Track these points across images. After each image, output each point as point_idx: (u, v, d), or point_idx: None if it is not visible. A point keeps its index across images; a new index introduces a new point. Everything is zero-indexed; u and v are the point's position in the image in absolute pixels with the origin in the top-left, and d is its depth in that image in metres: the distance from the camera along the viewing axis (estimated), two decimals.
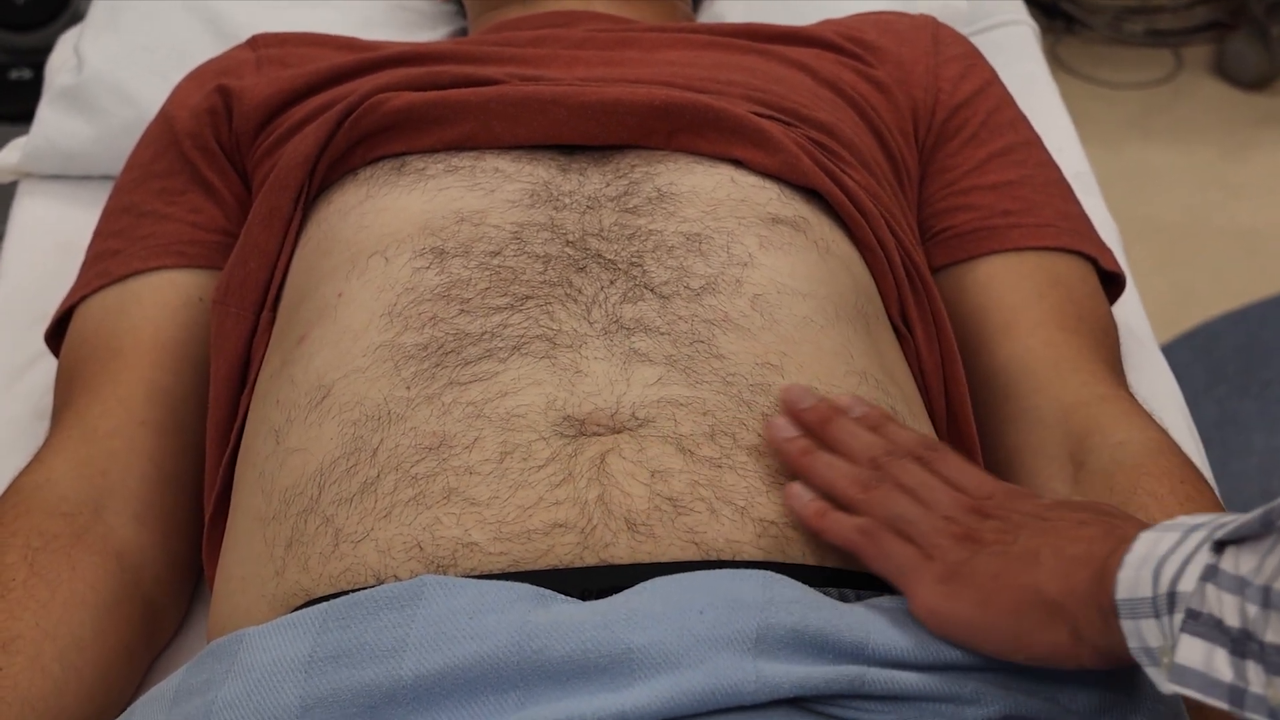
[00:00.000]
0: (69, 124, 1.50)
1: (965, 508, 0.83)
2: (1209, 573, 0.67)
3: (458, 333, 0.93)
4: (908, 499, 0.84)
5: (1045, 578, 0.75)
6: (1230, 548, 0.67)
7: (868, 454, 0.87)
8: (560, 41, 1.25)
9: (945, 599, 0.78)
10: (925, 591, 0.79)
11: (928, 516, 0.82)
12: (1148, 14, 3.00)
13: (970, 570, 0.78)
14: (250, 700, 0.78)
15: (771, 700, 0.75)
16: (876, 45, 1.27)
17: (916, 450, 0.87)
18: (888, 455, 0.86)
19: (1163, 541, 0.70)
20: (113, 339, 1.14)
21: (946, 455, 0.87)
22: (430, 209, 1.02)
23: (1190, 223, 2.54)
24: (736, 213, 1.02)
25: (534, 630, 0.76)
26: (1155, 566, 0.69)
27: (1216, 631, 0.66)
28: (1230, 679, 0.65)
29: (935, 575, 0.79)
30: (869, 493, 0.85)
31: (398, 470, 0.86)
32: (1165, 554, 0.69)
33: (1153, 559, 0.69)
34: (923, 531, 0.82)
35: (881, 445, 0.87)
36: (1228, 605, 0.66)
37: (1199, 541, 0.68)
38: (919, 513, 0.83)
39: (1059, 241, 1.18)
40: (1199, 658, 0.66)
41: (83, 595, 0.98)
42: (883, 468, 0.86)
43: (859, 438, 0.88)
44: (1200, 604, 0.66)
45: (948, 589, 0.78)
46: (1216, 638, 0.66)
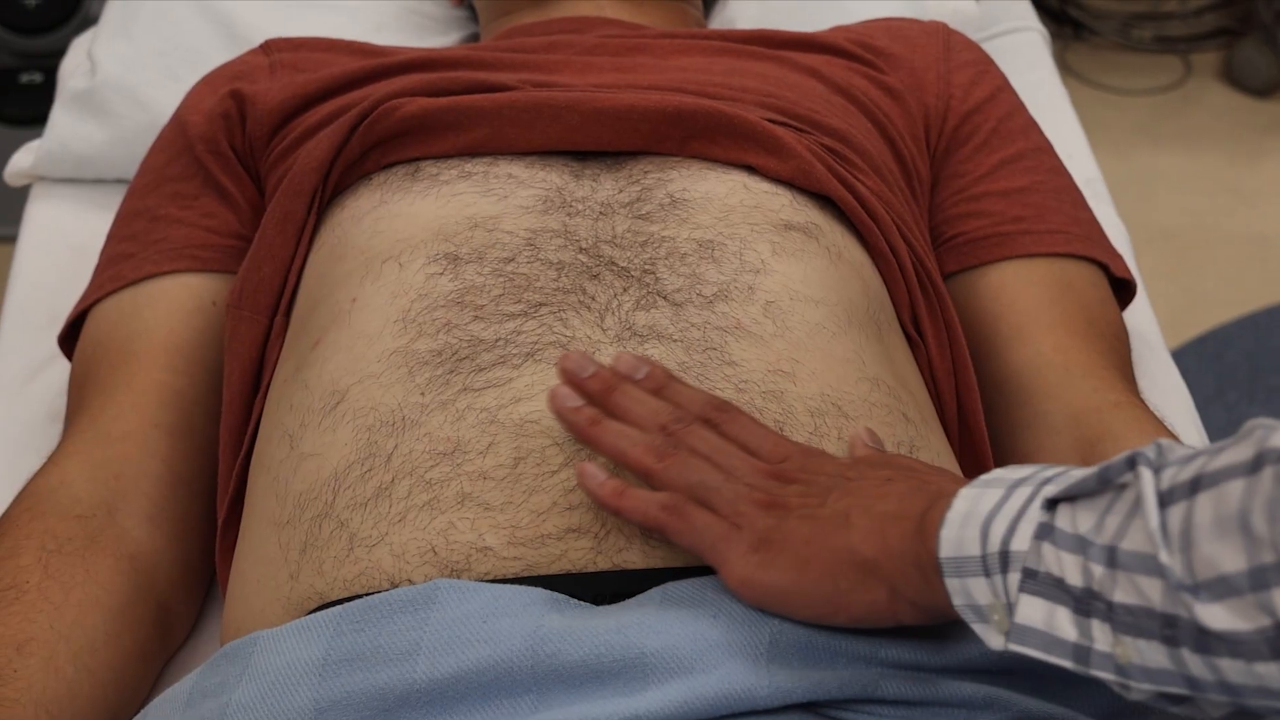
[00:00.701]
0: (82, 128, 1.50)
1: (764, 473, 0.81)
2: (1043, 530, 0.66)
3: (472, 339, 0.93)
4: (707, 465, 0.82)
5: (858, 538, 0.74)
6: (1064, 505, 0.66)
7: (656, 420, 0.84)
8: (573, 48, 1.25)
9: (759, 568, 0.77)
10: (737, 562, 0.78)
11: (729, 484, 0.80)
12: (1157, 20, 3.00)
13: (781, 536, 0.77)
14: (265, 703, 0.78)
15: (784, 705, 0.75)
16: (888, 51, 1.27)
17: (705, 412, 0.85)
18: (677, 421, 0.84)
19: (985, 498, 0.69)
20: (126, 342, 1.14)
21: (735, 415, 0.85)
22: (444, 214, 1.03)
23: (1199, 229, 2.54)
24: (749, 219, 1.03)
25: (548, 634, 0.77)
26: (982, 524, 0.68)
27: (1057, 590, 0.65)
28: (1075, 637, 0.65)
29: (746, 545, 0.78)
30: (665, 461, 0.82)
31: (412, 475, 0.87)
32: (990, 511, 0.68)
33: (977, 516, 0.68)
34: (726, 500, 0.80)
35: (669, 410, 0.85)
36: (1068, 564, 0.65)
37: (1026, 498, 0.67)
38: (720, 480, 0.81)
39: (1070, 248, 1.18)
40: (1039, 616, 0.66)
41: (96, 597, 0.98)
42: (674, 434, 0.83)
43: (645, 403, 0.85)
44: (1037, 563, 0.66)
45: (760, 557, 0.77)
46: (1057, 596, 0.65)
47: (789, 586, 0.76)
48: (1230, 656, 0.60)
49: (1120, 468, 0.65)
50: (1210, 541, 0.60)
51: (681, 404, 0.85)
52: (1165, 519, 0.62)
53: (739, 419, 0.85)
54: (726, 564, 0.78)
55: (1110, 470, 0.65)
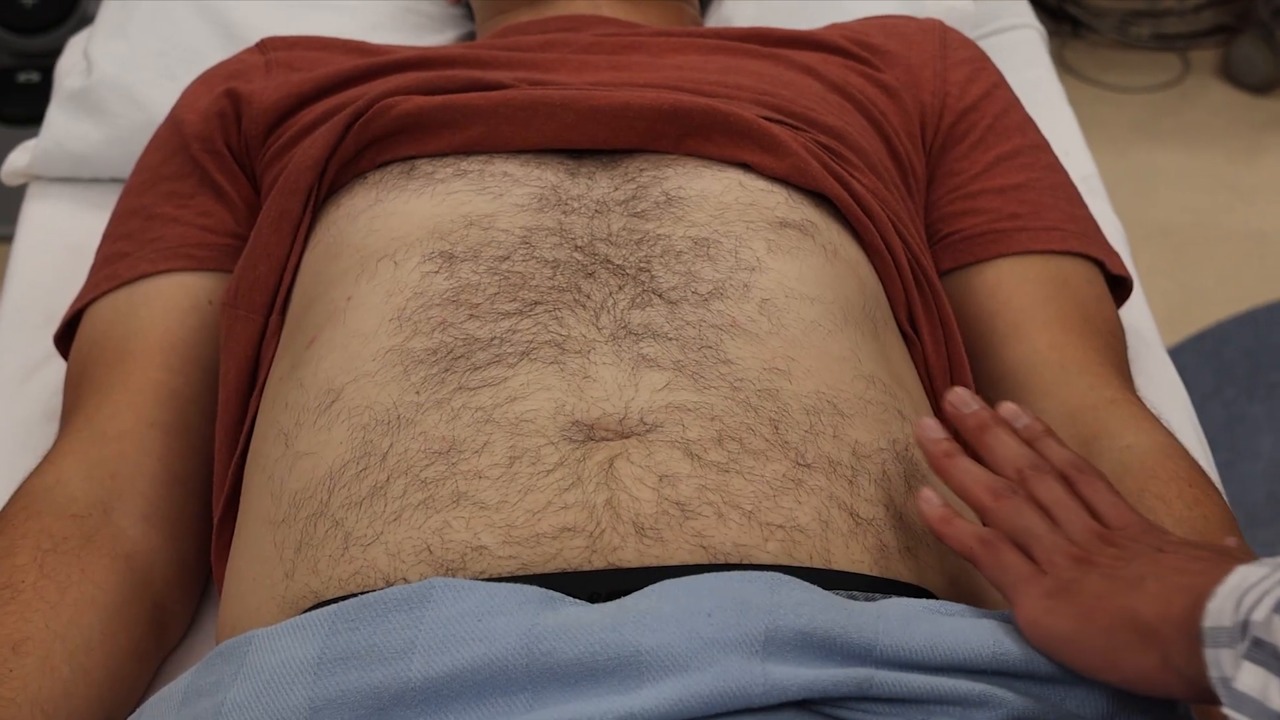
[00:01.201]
0: (78, 127, 1.50)
1: (1093, 534, 0.83)
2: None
3: (467, 338, 0.93)
4: (1037, 515, 0.84)
5: (1144, 601, 0.75)
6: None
7: (1014, 464, 0.87)
8: (568, 46, 1.25)
9: (1047, 613, 0.79)
10: (1030, 603, 0.80)
11: (1052, 535, 0.83)
12: (1155, 17, 3.00)
13: (1078, 588, 0.79)
14: (259, 701, 0.78)
15: (780, 703, 0.75)
16: (884, 49, 1.27)
17: (1065, 469, 0.87)
18: (1033, 469, 0.86)
19: (1253, 573, 0.70)
20: (122, 341, 1.14)
21: (1094, 479, 0.86)
22: (439, 213, 1.03)
23: (1197, 226, 2.54)
24: (745, 217, 1.03)
25: (542, 633, 0.77)
26: (1239, 596, 0.69)
27: (1276, 661, 0.66)
28: None
29: (1043, 589, 0.80)
30: (1000, 501, 0.85)
31: (407, 474, 0.87)
32: (1251, 584, 0.69)
33: (1240, 589, 0.69)
34: (1044, 548, 0.82)
35: (1029, 457, 0.87)
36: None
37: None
38: (1044, 530, 0.83)
39: (1066, 245, 1.18)
40: (1256, 685, 0.66)
41: (92, 597, 0.98)
42: (1025, 480, 0.86)
43: (1009, 447, 0.88)
44: (1266, 633, 0.66)
45: (1052, 604, 0.79)
46: (1275, 667, 0.66)
47: (1069, 635, 0.78)
48: None
49: None
50: None
51: (1047, 456, 0.88)
52: None
53: (1096, 483, 0.86)
54: (1021, 603, 0.80)
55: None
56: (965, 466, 0.87)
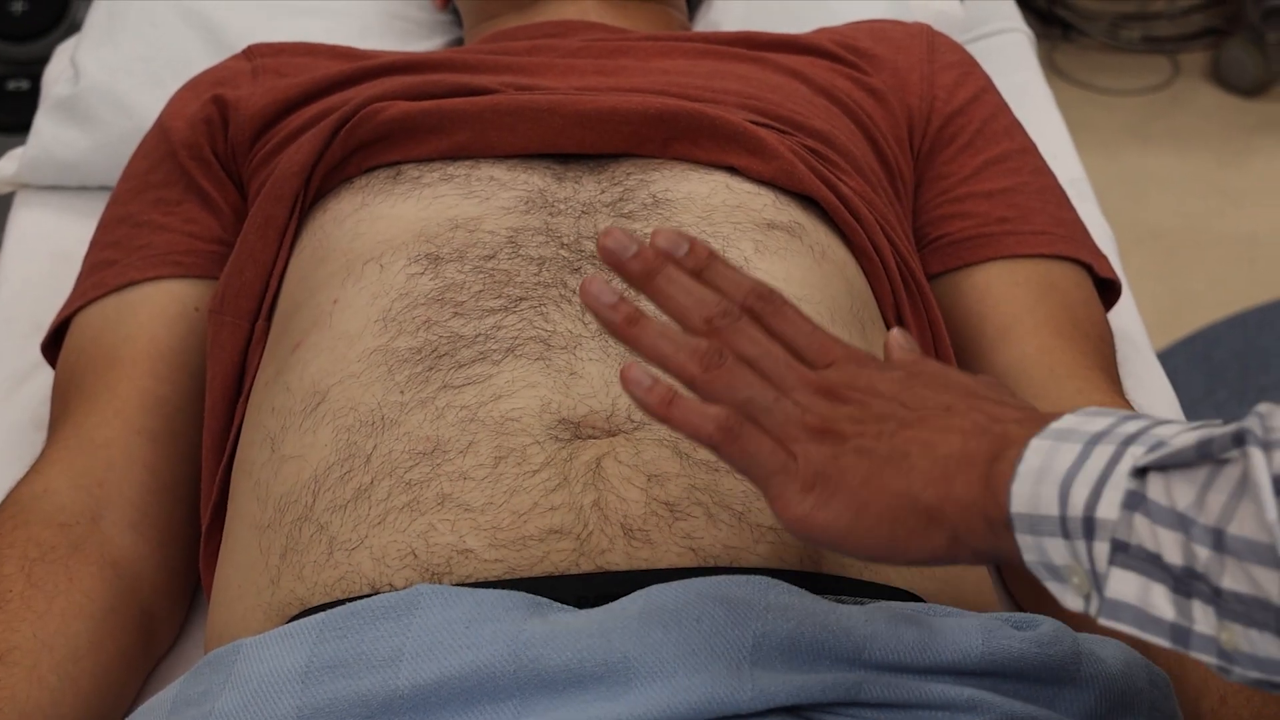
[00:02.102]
0: (66, 134, 1.50)
1: (814, 387, 0.76)
2: (1134, 500, 0.63)
3: (451, 335, 0.93)
4: (755, 378, 0.75)
5: (920, 483, 0.70)
6: (1154, 474, 0.64)
7: (701, 313, 0.76)
8: (555, 51, 1.25)
9: (815, 508, 0.72)
10: (793, 499, 0.72)
11: (779, 403, 0.75)
12: (1144, 20, 3.00)
13: (837, 473, 0.72)
14: (248, 711, 0.78)
15: (767, 709, 0.75)
16: (872, 53, 1.27)
17: (749, 301, 0.78)
18: (723, 315, 0.76)
19: (1061, 453, 0.66)
20: (109, 349, 1.14)
21: (780, 306, 0.78)
22: (425, 217, 1.03)
23: (1187, 229, 2.54)
24: (732, 218, 1.03)
25: (530, 639, 0.76)
26: (1060, 483, 0.65)
27: (1152, 567, 0.63)
28: (1172, 617, 0.63)
29: (801, 482, 0.73)
30: (711, 372, 0.75)
31: (391, 476, 0.86)
32: (1069, 470, 0.65)
33: (1054, 474, 0.66)
34: (777, 422, 0.74)
35: (714, 300, 0.77)
36: (1166, 540, 0.62)
37: (1108, 458, 0.65)
38: (770, 397, 0.75)
39: (1054, 249, 1.18)
40: (1133, 592, 0.64)
41: (80, 605, 0.98)
42: (720, 332, 0.76)
43: (690, 292, 0.77)
44: (1128, 535, 0.63)
45: (816, 497, 0.72)
46: (1153, 573, 0.63)
47: (845, 529, 0.72)
48: None
49: (1224, 443, 0.62)
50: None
51: (726, 290, 0.78)
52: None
53: (784, 310, 0.78)
54: (781, 499, 0.73)
55: (1212, 445, 0.62)
56: (658, 330, 0.75)
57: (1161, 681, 0.84)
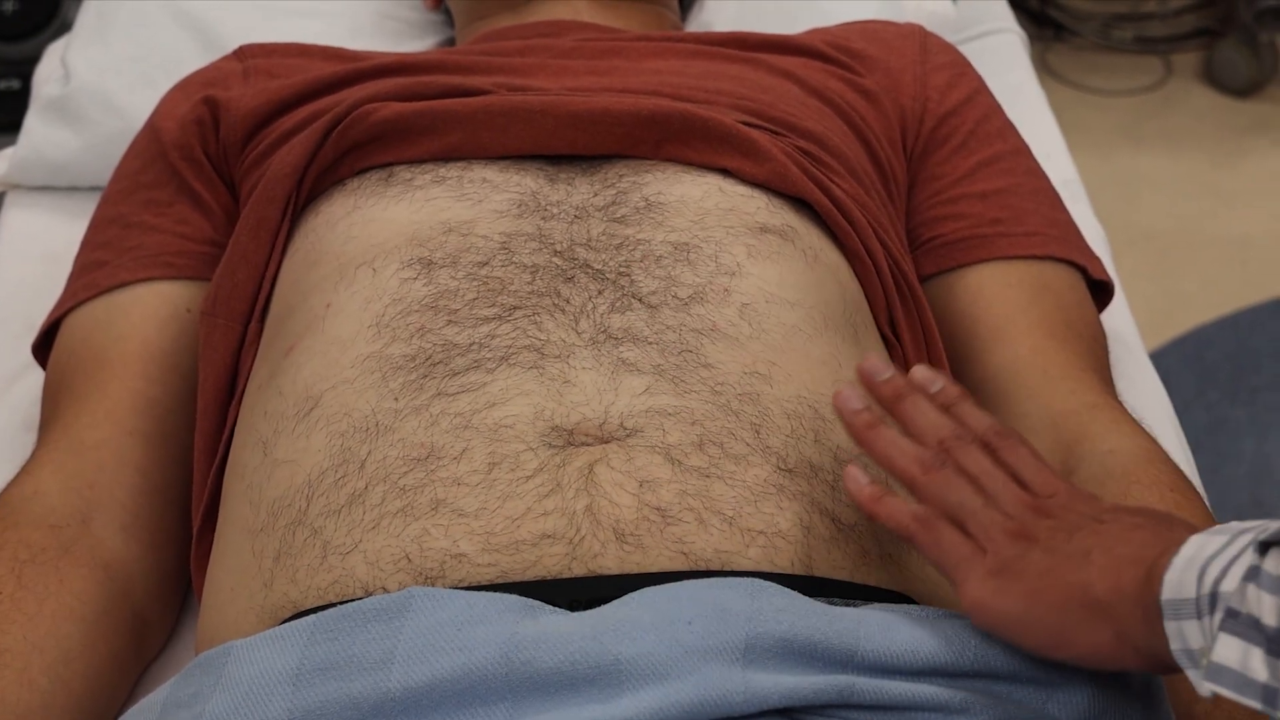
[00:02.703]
0: (56, 135, 1.50)
1: (1026, 505, 0.82)
2: (1251, 573, 0.66)
3: (445, 343, 0.92)
4: (969, 488, 0.83)
5: (1094, 576, 0.74)
6: (1275, 549, 0.66)
7: (935, 434, 0.85)
8: (548, 51, 1.25)
9: (993, 593, 0.78)
10: (974, 584, 0.79)
11: (987, 510, 0.81)
12: (1137, 21, 3.00)
13: (1021, 566, 0.78)
14: (239, 713, 0.78)
15: (760, 711, 0.75)
16: (864, 54, 1.27)
17: (986, 435, 0.85)
18: (956, 439, 0.85)
19: (1210, 544, 0.69)
20: (100, 350, 1.14)
21: (1016, 445, 0.85)
22: (418, 220, 1.02)
23: (1180, 230, 2.54)
24: (724, 222, 1.02)
25: (522, 642, 0.76)
26: (1201, 567, 0.68)
27: (1254, 631, 0.65)
28: (1265, 679, 0.65)
29: (986, 569, 0.79)
30: (929, 475, 0.83)
31: (386, 482, 0.86)
32: (1211, 555, 0.68)
33: (1199, 560, 0.69)
34: (980, 525, 0.81)
35: (950, 427, 0.86)
36: (1266, 605, 0.65)
37: (1246, 543, 0.68)
38: (978, 504, 0.82)
39: (1047, 250, 1.18)
40: (1235, 656, 0.66)
41: (71, 607, 0.98)
42: (949, 451, 0.84)
43: (928, 416, 0.86)
44: (1240, 603, 0.66)
45: (997, 583, 0.78)
46: (1253, 637, 0.65)
47: (1019, 615, 0.77)
48: None
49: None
50: None
51: (966, 423, 0.86)
52: None
53: (1019, 449, 0.85)
54: (964, 584, 0.79)
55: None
56: (890, 438, 0.85)
57: (1154, 683, 0.84)
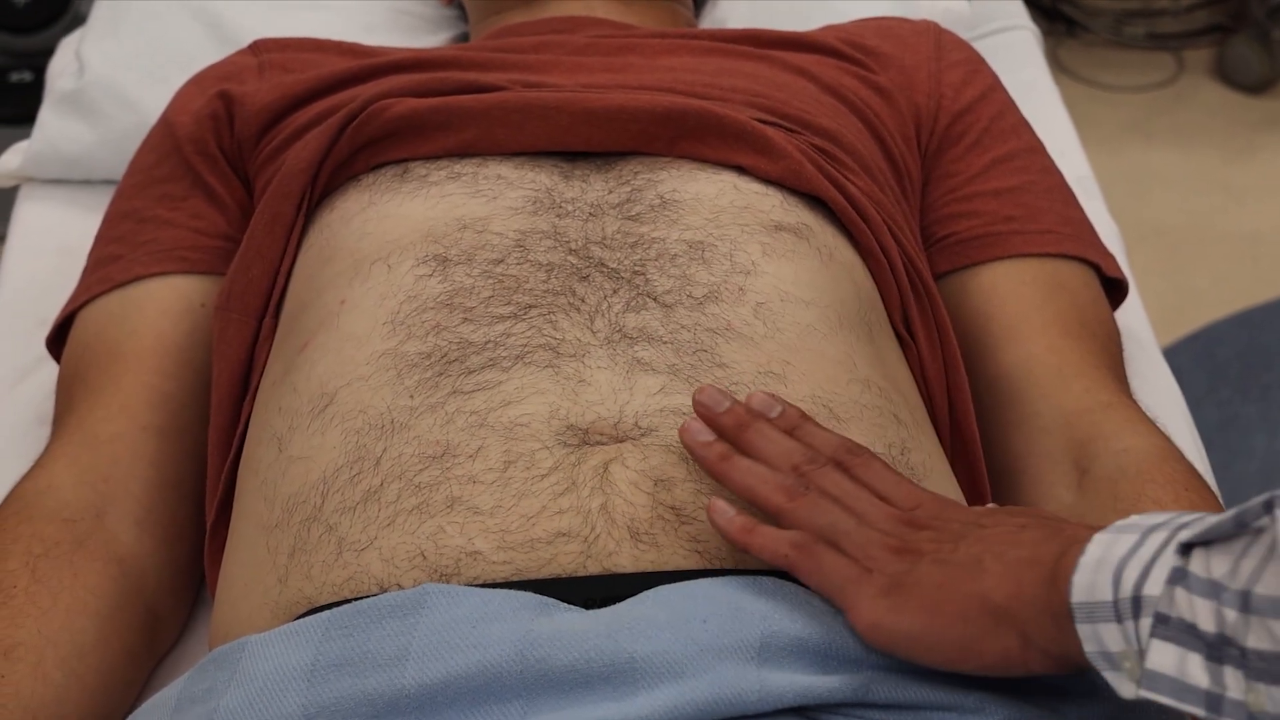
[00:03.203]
0: (70, 128, 1.50)
1: (897, 519, 0.80)
2: (1177, 575, 0.65)
3: (461, 341, 0.93)
4: (838, 508, 0.81)
5: (991, 584, 0.73)
6: (1198, 550, 0.65)
7: (788, 460, 0.84)
8: (562, 48, 1.25)
9: (889, 612, 0.76)
10: (866, 605, 0.77)
11: (860, 528, 0.80)
12: (1149, 17, 3.00)
13: (913, 581, 0.76)
14: (253, 708, 0.78)
15: (775, 710, 0.75)
16: (879, 51, 1.27)
17: (838, 455, 0.84)
18: (809, 462, 0.84)
19: (1119, 543, 0.68)
20: (114, 344, 1.14)
21: (869, 461, 0.84)
22: (433, 216, 1.02)
23: (1191, 226, 2.54)
24: (739, 220, 1.02)
25: (537, 639, 0.76)
26: (1115, 570, 0.67)
27: (1189, 636, 0.64)
28: (1206, 685, 0.64)
29: (876, 588, 0.77)
30: (795, 501, 0.82)
31: (401, 479, 0.86)
32: (1124, 556, 0.67)
33: (1110, 562, 0.68)
34: (857, 544, 0.79)
35: (801, 450, 0.84)
36: (1201, 610, 0.64)
37: (1160, 543, 0.67)
38: (851, 524, 0.80)
39: (1061, 248, 1.18)
40: (1171, 663, 0.65)
41: (84, 601, 0.98)
42: (806, 475, 0.83)
43: (778, 443, 0.85)
44: (1169, 608, 0.65)
45: (890, 601, 0.76)
46: (1189, 643, 0.64)
47: (919, 632, 0.75)
48: None
49: (1256, 511, 0.64)
50: None
51: (815, 445, 0.85)
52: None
53: (872, 464, 0.84)
54: (855, 607, 0.77)
55: (1246, 514, 0.64)
56: (746, 467, 0.83)
57: None
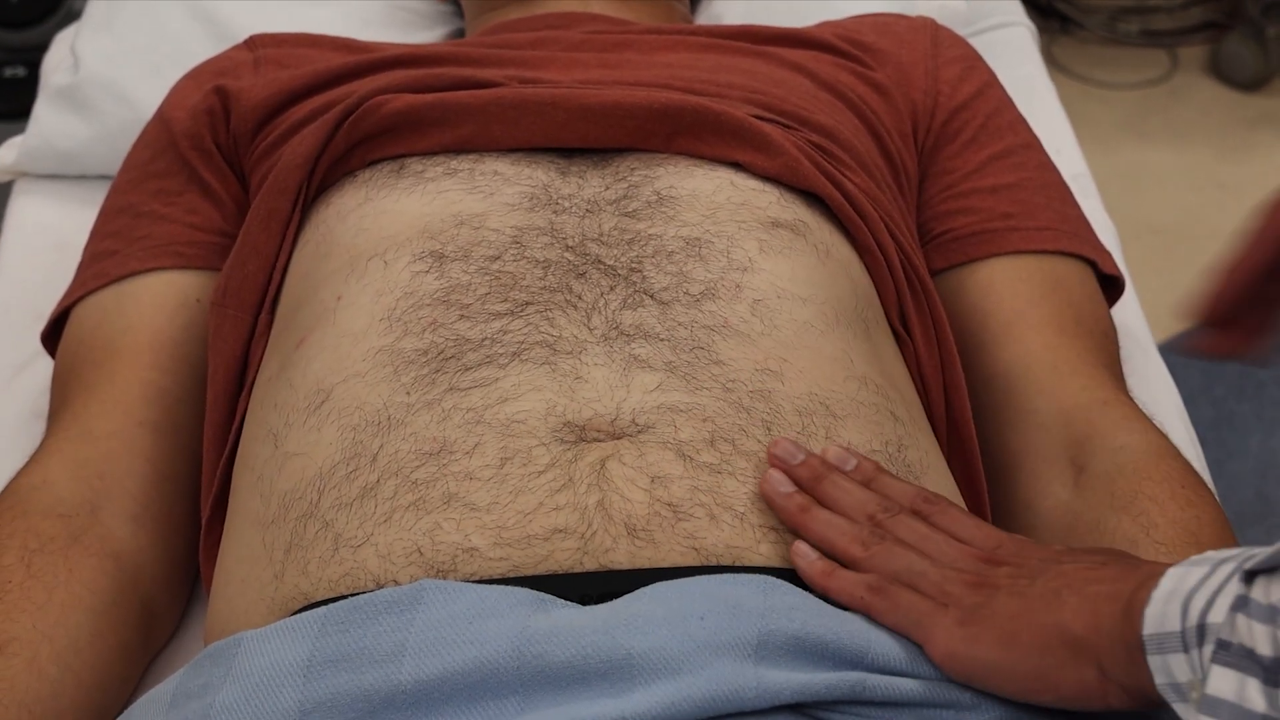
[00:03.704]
0: (66, 123, 1.50)
1: (974, 557, 0.82)
2: (1239, 603, 0.66)
3: (458, 338, 0.92)
4: (913, 553, 0.82)
5: (1070, 615, 0.74)
6: (1261, 577, 0.66)
7: (863, 510, 0.85)
8: (558, 44, 1.25)
9: (965, 642, 0.77)
10: (943, 636, 0.78)
11: (936, 568, 0.81)
12: (1143, 14, 3.00)
13: (990, 612, 0.77)
14: (249, 704, 0.78)
15: (772, 706, 0.75)
16: (875, 47, 1.27)
17: (914, 504, 0.86)
18: (884, 511, 0.85)
19: (1190, 576, 0.69)
20: (110, 340, 1.14)
21: (946, 508, 0.86)
22: (429, 212, 1.02)
23: (1186, 224, 2.54)
24: (736, 216, 1.02)
25: (533, 635, 0.76)
26: (1184, 600, 0.68)
27: (1248, 661, 0.65)
28: (1264, 709, 0.64)
29: (953, 619, 0.78)
30: (870, 550, 0.83)
31: (398, 475, 0.86)
32: (1193, 588, 0.68)
33: (1180, 593, 0.68)
34: (934, 582, 0.80)
35: (877, 501, 0.85)
36: (1259, 635, 0.64)
37: (1228, 574, 0.67)
38: (926, 565, 0.81)
39: (1058, 245, 1.18)
40: (1230, 689, 0.65)
41: (80, 597, 0.98)
42: (881, 525, 0.84)
43: (853, 494, 0.86)
44: (1231, 634, 0.65)
45: (966, 631, 0.77)
46: (1248, 668, 0.65)
47: (996, 661, 0.76)
48: None
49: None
50: None
51: (890, 495, 0.86)
52: None
53: (949, 511, 0.85)
54: (932, 638, 0.78)
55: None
56: (825, 519, 0.85)
57: None
